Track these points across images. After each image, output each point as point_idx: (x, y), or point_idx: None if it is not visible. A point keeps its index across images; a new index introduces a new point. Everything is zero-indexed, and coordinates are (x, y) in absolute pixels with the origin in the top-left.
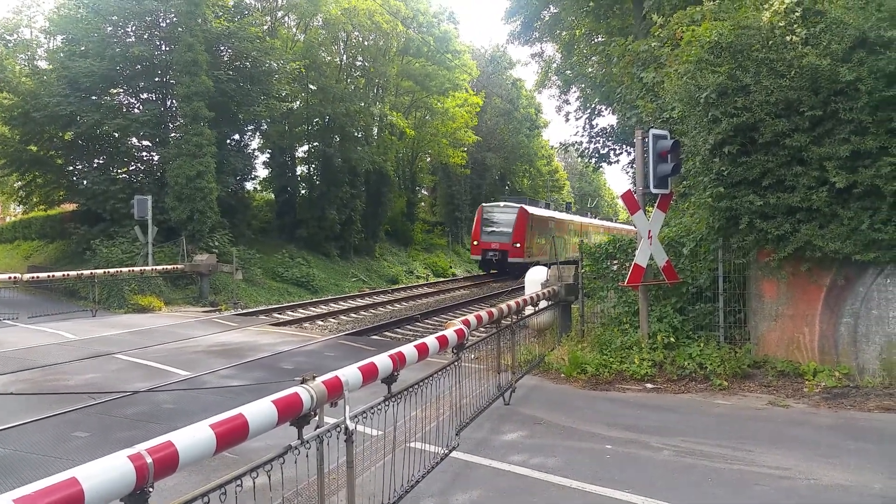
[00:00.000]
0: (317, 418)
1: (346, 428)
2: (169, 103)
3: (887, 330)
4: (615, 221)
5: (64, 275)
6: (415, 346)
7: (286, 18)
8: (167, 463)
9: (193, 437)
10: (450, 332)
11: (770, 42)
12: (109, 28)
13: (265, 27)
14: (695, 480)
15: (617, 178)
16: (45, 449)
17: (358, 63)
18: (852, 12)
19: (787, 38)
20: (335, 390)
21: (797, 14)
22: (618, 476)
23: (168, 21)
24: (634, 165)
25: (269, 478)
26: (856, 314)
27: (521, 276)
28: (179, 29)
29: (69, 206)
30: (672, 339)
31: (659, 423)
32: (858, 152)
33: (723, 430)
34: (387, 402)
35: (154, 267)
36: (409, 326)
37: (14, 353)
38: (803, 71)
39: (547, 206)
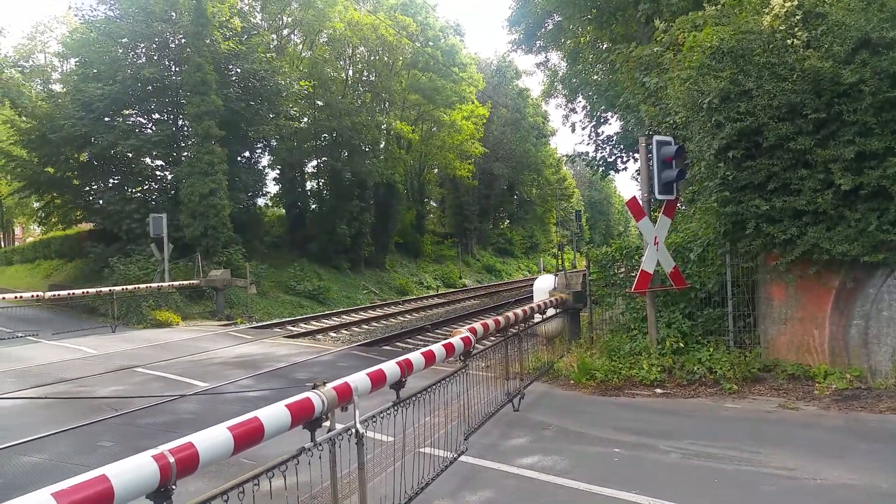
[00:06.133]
0: (328, 422)
1: (357, 431)
2: (180, 123)
3: None
4: None
5: (84, 292)
6: (422, 354)
7: (292, 36)
8: (188, 462)
9: (212, 438)
10: (456, 340)
11: (771, 46)
12: (120, 51)
13: (272, 45)
14: (701, 481)
15: (627, 186)
16: (74, 457)
17: (364, 78)
18: (854, 14)
19: (789, 41)
20: (345, 395)
21: (798, 17)
22: (625, 478)
23: (177, 42)
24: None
25: (285, 478)
26: (866, 316)
27: None
28: (188, 50)
29: (87, 226)
30: (681, 345)
31: (668, 427)
32: (864, 153)
33: (731, 433)
34: (396, 408)
35: (170, 283)
36: (419, 337)
37: (39, 368)
38: (805, 74)
39: None
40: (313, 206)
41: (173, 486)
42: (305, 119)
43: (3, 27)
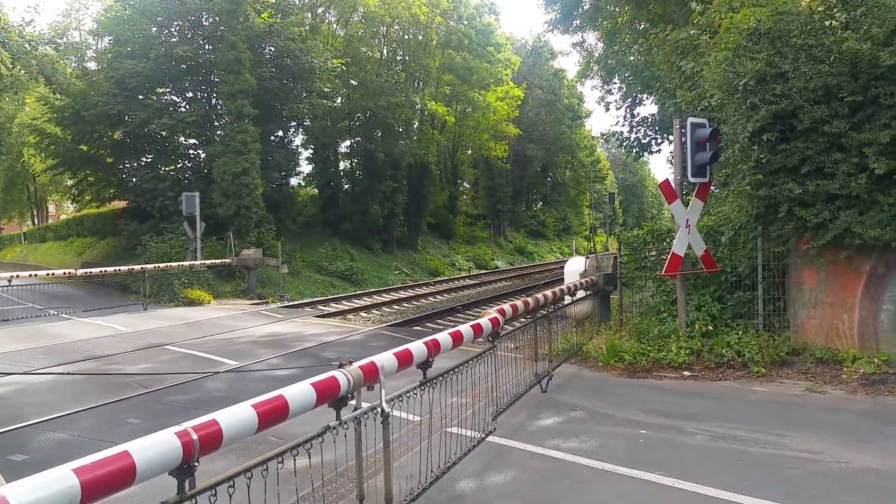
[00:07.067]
0: (354, 401)
1: (382, 410)
2: (214, 101)
3: None
4: None
5: (116, 270)
6: (449, 334)
7: (326, 14)
8: (211, 439)
9: (236, 415)
10: (484, 321)
11: (809, 27)
12: (154, 28)
13: (306, 25)
14: (726, 463)
15: (661, 169)
16: (101, 434)
17: (398, 58)
18: None
19: (827, 22)
20: (371, 374)
21: None
22: (651, 459)
23: (211, 20)
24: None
25: (310, 457)
26: None
27: None
28: (222, 28)
29: (120, 204)
30: (710, 328)
31: (695, 410)
32: None
33: (758, 416)
34: (422, 387)
35: (202, 261)
36: (450, 317)
37: (70, 344)
38: (843, 56)
39: None
40: (346, 186)
41: (196, 463)
42: (339, 98)
43: (38, 3)
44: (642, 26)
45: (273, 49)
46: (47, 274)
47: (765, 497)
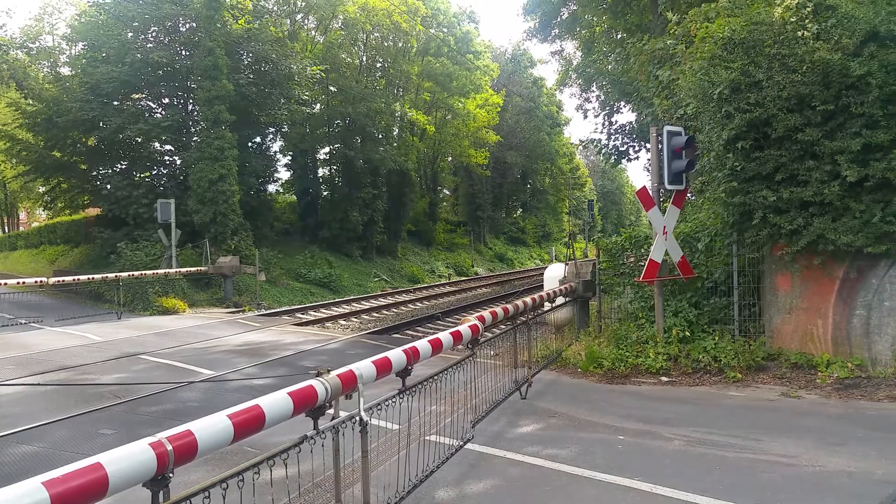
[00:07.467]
0: (332, 410)
1: (361, 419)
2: (190, 107)
3: None
4: None
5: (89, 278)
6: (429, 342)
7: (305, 21)
8: (186, 450)
9: (211, 426)
10: (464, 328)
11: (782, 37)
12: (130, 34)
13: (285, 31)
14: (703, 468)
15: (639, 176)
16: (73, 446)
17: (378, 64)
18: (863, 7)
19: (799, 33)
20: (349, 383)
21: (808, 9)
22: (629, 465)
23: (188, 26)
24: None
25: (286, 467)
26: (868, 306)
27: None
28: (199, 34)
29: (94, 211)
30: (687, 333)
31: (672, 415)
32: (870, 146)
33: (734, 421)
34: (401, 395)
35: (178, 269)
36: (430, 325)
37: (42, 354)
38: (815, 66)
39: None
40: (325, 193)
41: (170, 475)
42: (318, 105)
43: (10, 9)
44: (619, 36)
45: (251, 55)
46: (18, 282)
47: (741, 501)
